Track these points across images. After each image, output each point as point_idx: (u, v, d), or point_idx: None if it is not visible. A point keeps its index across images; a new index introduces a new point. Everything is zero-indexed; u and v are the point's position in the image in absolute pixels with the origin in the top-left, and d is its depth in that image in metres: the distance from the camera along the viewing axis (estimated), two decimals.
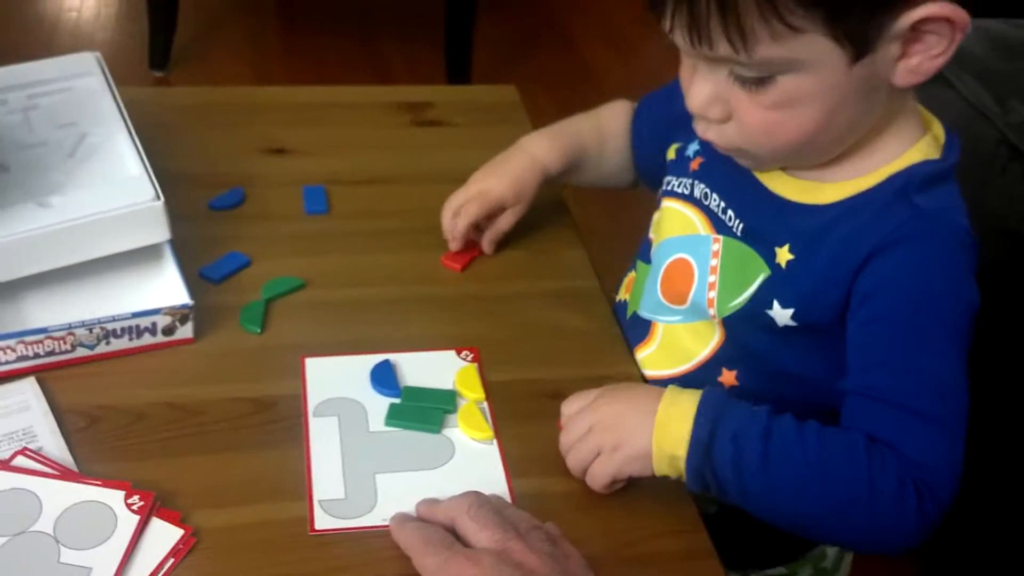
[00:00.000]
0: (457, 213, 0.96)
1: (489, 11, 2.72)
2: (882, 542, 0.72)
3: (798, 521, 0.74)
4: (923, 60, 0.71)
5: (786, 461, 0.71)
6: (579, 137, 1.00)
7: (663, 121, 0.94)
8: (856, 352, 0.75)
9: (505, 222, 0.97)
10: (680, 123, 0.86)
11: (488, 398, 0.84)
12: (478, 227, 0.98)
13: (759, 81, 0.71)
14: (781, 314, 0.78)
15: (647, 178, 1.02)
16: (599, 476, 0.75)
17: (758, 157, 0.78)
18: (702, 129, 0.78)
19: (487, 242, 0.98)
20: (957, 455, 0.71)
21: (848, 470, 0.70)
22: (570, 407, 0.79)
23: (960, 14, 0.69)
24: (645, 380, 0.88)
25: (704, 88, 0.74)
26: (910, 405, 0.71)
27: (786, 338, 0.79)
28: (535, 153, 0.98)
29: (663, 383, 0.85)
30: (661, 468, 0.73)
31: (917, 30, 0.69)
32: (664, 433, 0.73)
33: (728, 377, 0.84)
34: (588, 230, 1.06)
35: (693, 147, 0.89)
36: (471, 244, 0.99)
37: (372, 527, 0.73)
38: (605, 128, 1.02)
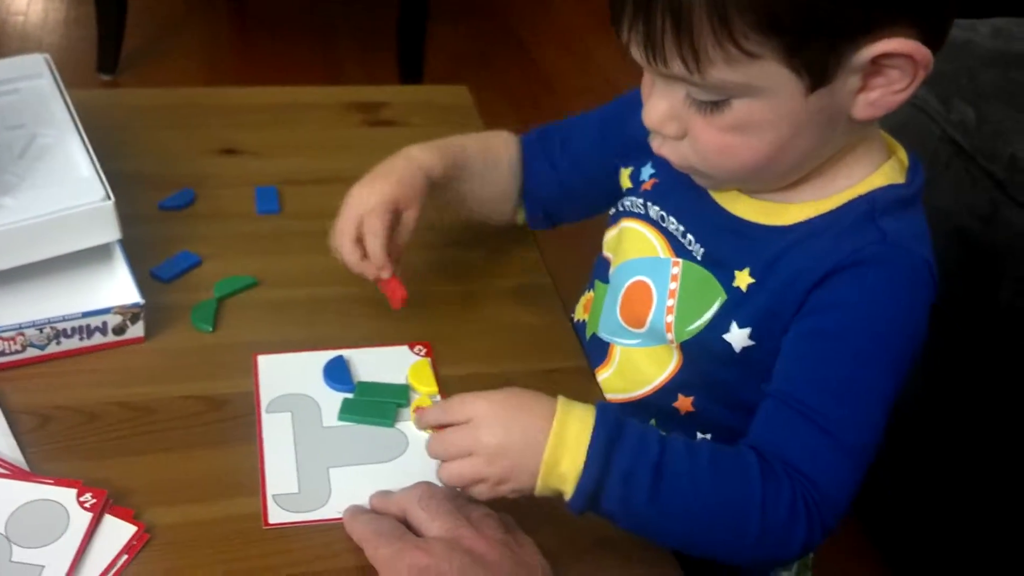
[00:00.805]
0: (357, 238, 0.85)
1: (445, 17, 2.72)
2: (763, 562, 0.72)
3: (685, 546, 0.73)
4: (884, 94, 0.70)
5: (677, 494, 0.69)
6: (463, 149, 0.94)
7: (601, 148, 0.92)
8: (790, 359, 0.74)
9: (405, 232, 0.88)
10: (628, 148, 0.85)
11: (441, 392, 0.84)
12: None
13: (714, 104, 0.70)
14: (738, 335, 0.77)
15: (540, 207, 0.97)
16: (479, 496, 0.71)
17: (713, 177, 0.78)
18: (657, 144, 0.77)
19: (391, 260, 0.86)
20: (855, 486, 0.71)
21: (740, 499, 0.69)
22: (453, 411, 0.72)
23: (923, 51, 0.67)
24: (595, 377, 0.89)
25: (660, 104, 0.73)
26: (831, 429, 0.70)
27: (742, 367, 0.78)
28: (414, 156, 0.90)
29: (620, 407, 0.85)
30: (544, 494, 0.70)
31: (878, 64, 0.68)
32: (551, 474, 0.68)
33: (684, 403, 0.83)
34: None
35: (647, 171, 0.88)
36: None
37: (326, 520, 0.74)
38: (491, 151, 0.96)
